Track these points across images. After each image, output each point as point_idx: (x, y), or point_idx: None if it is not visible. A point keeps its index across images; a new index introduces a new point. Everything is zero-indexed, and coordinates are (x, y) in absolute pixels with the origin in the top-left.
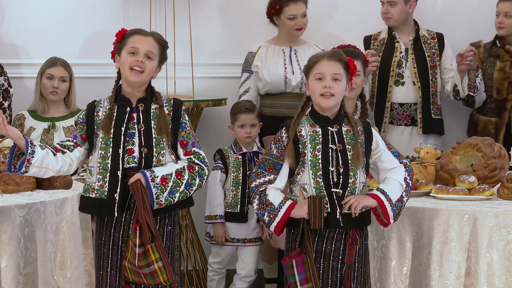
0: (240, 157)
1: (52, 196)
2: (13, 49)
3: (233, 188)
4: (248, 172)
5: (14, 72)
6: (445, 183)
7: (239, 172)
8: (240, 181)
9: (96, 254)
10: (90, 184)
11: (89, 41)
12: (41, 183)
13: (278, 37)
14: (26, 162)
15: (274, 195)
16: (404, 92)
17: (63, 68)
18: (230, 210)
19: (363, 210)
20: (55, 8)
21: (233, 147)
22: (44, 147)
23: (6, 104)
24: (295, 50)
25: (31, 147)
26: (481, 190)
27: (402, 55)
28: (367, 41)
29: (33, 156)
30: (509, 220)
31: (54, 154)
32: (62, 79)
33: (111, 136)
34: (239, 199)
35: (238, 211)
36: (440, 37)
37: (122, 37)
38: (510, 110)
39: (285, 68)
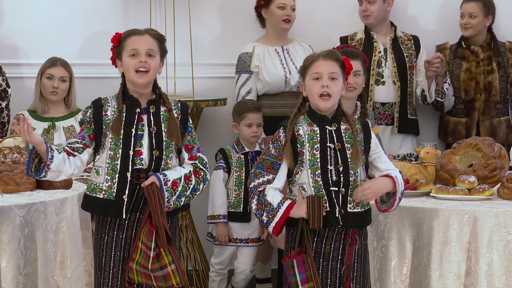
0: (242, 156)
1: (52, 196)
2: (13, 49)
3: (236, 188)
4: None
5: (14, 72)
6: (445, 183)
7: (242, 171)
8: (243, 180)
9: (97, 254)
10: (97, 184)
11: (89, 41)
12: (41, 183)
13: (267, 36)
14: (45, 167)
15: (273, 195)
16: (386, 92)
17: (63, 68)
18: (233, 210)
19: (366, 207)
20: (55, 8)
21: (235, 147)
22: (60, 151)
23: (4, 104)
24: (287, 49)
25: (50, 152)
26: (481, 190)
27: (381, 55)
28: (344, 41)
29: (52, 161)
30: (509, 220)
31: (68, 159)
32: (62, 79)
33: (121, 137)
34: (242, 199)
35: (241, 210)
36: (416, 39)
37: (118, 41)
38: (478, 109)
39: (284, 69)
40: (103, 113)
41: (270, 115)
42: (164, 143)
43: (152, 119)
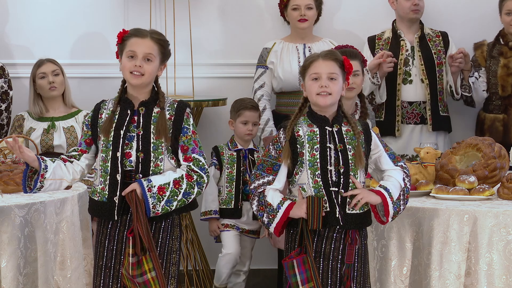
0: (234, 153)
1: (52, 196)
2: (12, 49)
3: (228, 185)
4: (242, 168)
5: (13, 72)
6: (445, 183)
7: (233, 168)
8: (234, 177)
9: (94, 253)
10: (95, 187)
11: (88, 41)
12: None
13: (291, 35)
14: (40, 177)
15: (273, 196)
16: (413, 91)
17: (51, 63)
18: (224, 207)
19: (365, 209)
20: (55, 8)
21: (229, 144)
22: (54, 160)
23: (3, 106)
24: (309, 47)
25: (43, 162)
26: (481, 190)
27: (409, 53)
28: (372, 41)
29: (46, 171)
30: (509, 220)
31: (64, 165)
32: (54, 73)
33: (111, 139)
34: (233, 195)
35: (233, 207)
36: (444, 36)
37: (122, 39)
38: None
39: (299, 66)
40: (99, 116)
41: (286, 113)
42: (152, 145)
43: (141, 121)
